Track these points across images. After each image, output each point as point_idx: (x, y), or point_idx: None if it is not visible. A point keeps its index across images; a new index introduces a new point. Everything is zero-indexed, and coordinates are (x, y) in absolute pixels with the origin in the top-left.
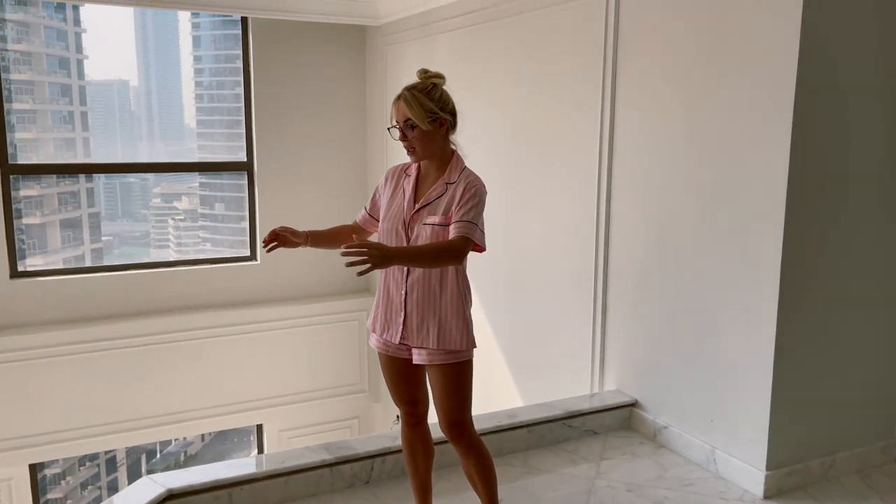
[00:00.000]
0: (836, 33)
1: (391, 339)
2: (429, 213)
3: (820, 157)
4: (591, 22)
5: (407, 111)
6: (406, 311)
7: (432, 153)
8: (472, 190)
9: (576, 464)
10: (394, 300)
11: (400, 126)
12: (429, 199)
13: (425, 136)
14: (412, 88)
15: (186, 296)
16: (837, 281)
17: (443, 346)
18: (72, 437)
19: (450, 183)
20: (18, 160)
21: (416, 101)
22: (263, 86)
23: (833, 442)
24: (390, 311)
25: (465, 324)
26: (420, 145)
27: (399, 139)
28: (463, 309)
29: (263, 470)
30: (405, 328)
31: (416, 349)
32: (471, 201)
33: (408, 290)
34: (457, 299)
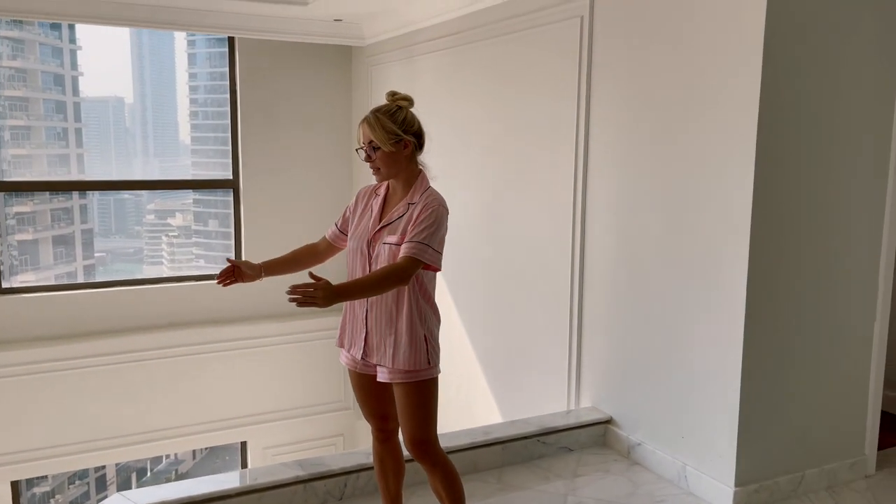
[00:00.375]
0: (797, 57)
1: (355, 354)
2: (388, 232)
3: (784, 178)
4: (565, 45)
5: (370, 133)
6: (367, 328)
7: (397, 173)
8: (429, 211)
9: (549, 481)
10: (357, 317)
11: (364, 147)
12: (391, 218)
13: (388, 157)
14: (377, 111)
15: (171, 313)
16: (803, 299)
17: (398, 365)
18: (55, 454)
19: (411, 203)
20: (12, 176)
21: (379, 124)
22: (250, 104)
23: (802, 459)
24: (354, 328)
25: (423, 343)
26: (384, 166)
27: (364, 160)
28: (420, 329)
29: (236, 486)
30: (366, 345)
31: (379, 367)
32: (425, 222)
33: (368, 308)
34: (415, 319)
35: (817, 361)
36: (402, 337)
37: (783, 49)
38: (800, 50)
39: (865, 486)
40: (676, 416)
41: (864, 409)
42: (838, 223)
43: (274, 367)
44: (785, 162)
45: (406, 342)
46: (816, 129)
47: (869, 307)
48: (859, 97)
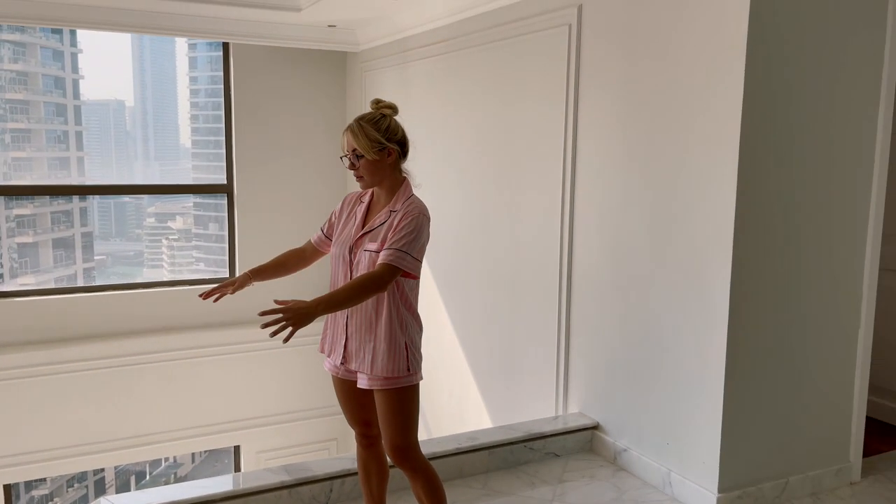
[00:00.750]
0: (779, 64)
1: (334, 360)
2: (370, 239)
3: (767, 184)
4: (554, 52)
5: (353, 141)
6: (347, 335)
7: (381, 181)
8: (409, 219)
9: (534, 486)
10: (338, 323)
11: (348, 155)
12: (372, 225)
13: (372, 164)
14: (361, 119)
15: (165, 317)
16: (787, 304)
17: (377, 371)
18: (48, 458)
19: (393, 211)
20: (12, 179)
21: (363, 132)
22: (244, 109)
23: (786, 465)
24: (335, 333)
25: (403, 350)
26: (367, 173)
27: (348, 168)
28: (401, 336)
29: (222, 491)
30: (346, 351)
31: (360, 373)
32: (405, 229)
33: (349, 314)
34: (395, 326)
35: (801, 367)
36: (381, 344)
37: (766, 56)
38: (782, 57)
39: (850, 494)
40: (662, 422)
41: (849, 415)
42: (822, 229)
43: (268, 371)
44: (768, 167)
45: (385, 349)
46: (799, 133)
47: (853, 313)
48: (841, 102)
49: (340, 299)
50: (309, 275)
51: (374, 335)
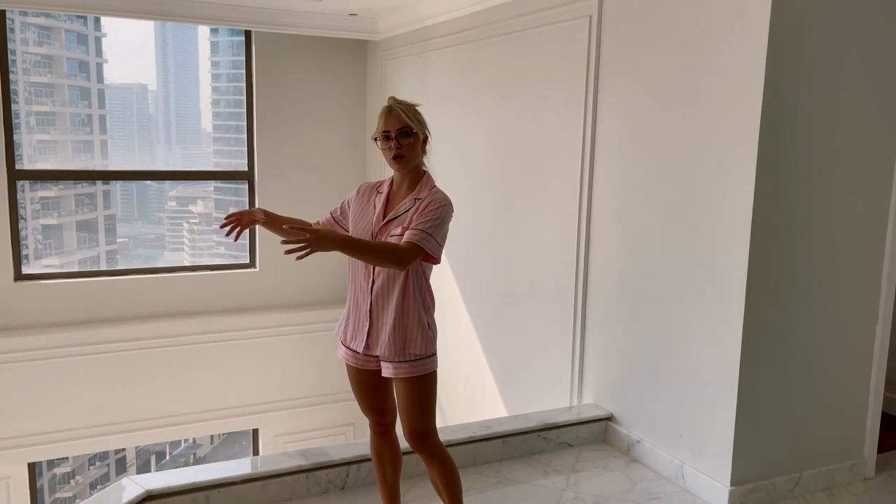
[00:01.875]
0: (800, 60)
1: (357, 348)
2: (395, 225)
3: (785, 179)
4: (574, 44)
5: (405, 119)
6: (371, 320)
7: (415, 165)
8: (437, 205)
9: (548, 475)
10: (360, 310)
11: (393, 134)
12: (397, 212)
13: (415, 144)
14: (401, 102)
15: (186, 301)
16: (803, 299)
17: (404, 355)
18: (70, 438)
19: (418, 198)
20: (36, 162)
21: (412, 112)
22: (266, 97)
23: (799, 459)
24: (358, 320)
25: (426, 332)
26: (411, 152)
27: (390, 148)
28: (424, 318)
29: (241, 474)
30: (370, 337)
31: (384, 362)
32: (432, 213)
33: (373, 300)
34: (419, 309)
35: (817, 362)
36: (406, 329)
37: (787, 51)
38: (803, 52)
39: (864, 489)
40: (675, 414)
41: (864, 410)
42: (840, 224)
43: (286, 356)
44: (786, 164)
45: (413, 332)
46: (819, 131)
47: (871, 308)
48: (864, 94)
49: (359, 246)
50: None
51: (399, 320)
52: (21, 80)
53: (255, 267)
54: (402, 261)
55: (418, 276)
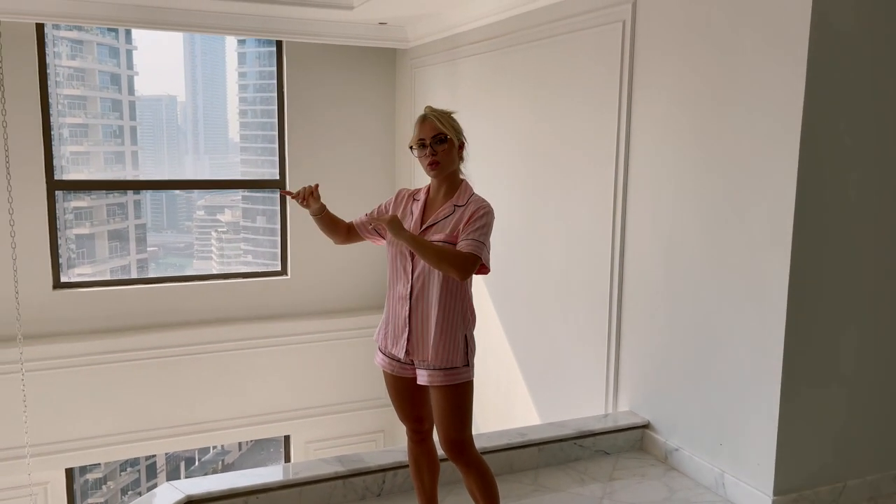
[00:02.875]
0: (841, 59)
1: (397, 353)
2: (435, 231)
3: (828, 180)
4: (608, 47)
5: (439, 126)
6: (410, 327)
7: (451, 172)
8: (482, 212)
9: (584, 483)
10: (399, 316)
11: (428, 141)
12: (437, 218)
13: (451, 151)
14: (435, 110)
15: (219, 308)
16: (847, 303)
17: (442, 363)
18: (106, 443)
19: (458, 205)
20: (70, 173)
21: (447, 119)
22: (297, 106)
23: (843, 468)
24: (396, 327)
25: (463, 342)
26: (446, 159)
27: (426, 155)
28: (462, 328)
29: (278, 480)
30: (409, 344)
31: (420, 370)
32: (480, 221)
33: (412, 306)
34: (458, 318)
35: (861, 368)
36: (448, 335)
37: (829, 48)
38: (846, 48)
39: None
40: (715, 421)
41: None
42: (884, 228)
43: (317, 363)
44: (828, 165)
45: (452, 340)
46: (862, 130)
47: None
48: None
49: (422, 246)
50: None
51: (438, 327)
52: (55, 93)
53: (286, 274)
54: (464, 269)
55: (459, 288)
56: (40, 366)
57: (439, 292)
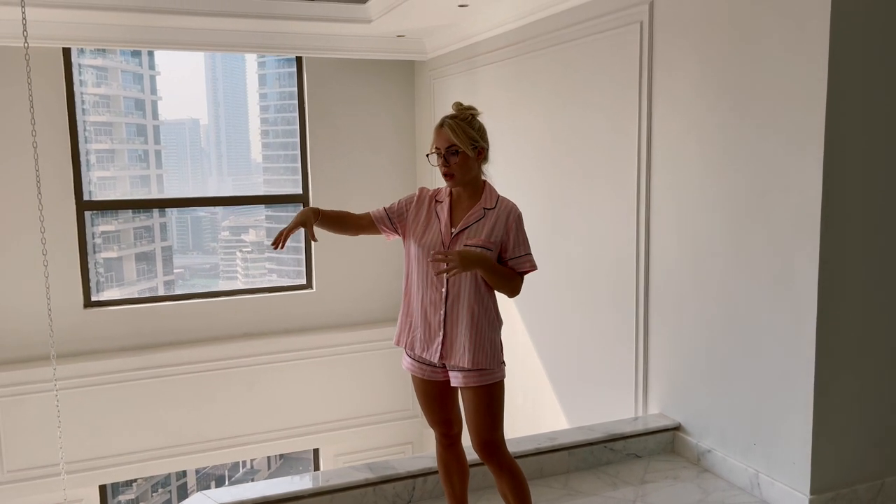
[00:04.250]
0: (866, 47)
1: (430, 358)
2: (468, 236)
3: (855, 170)
4: (626, 49)
5: (452, 137)
6: (444, 331)
7: (469, 180)
8: (517, 220)
9: (616, 487)
10: (431, 322)
11: (442, 152)
12: (468, 222)
13: (466, 162)
14: (455, 117)
15: (246, 323)
16: (879, 297)
17: (477, 365)
18: (138, 459)
19: (488, 208)
20: (97, 197)
21: (461, 129)
22: (318, 120)
23: (882, 466)
24: (428, 332)
25: (498, 343)
26: (460, 171)
27: (439, 165)
28: (496, 329)
29: (309, 487)
30: (443, 348)
31: (453, 372)
32: (520, 232)
33: (447, 311)
34: (492, 320)
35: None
36: (482, 338)
37: (851, 43)
38: (866, 43)
39: None
40: (747, 421)
41: None
42: None
43: (345, 375)
44: (855, 159)
45: (486, 343)
46: (889, 122)
47: None
48: None
49: (495, 271)
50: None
51: (473, 330)
52: (82, 120)
53: (311, 288)
54: (519, 289)
55: (488, 290)
56: (73, 384)
57: (473, 296)
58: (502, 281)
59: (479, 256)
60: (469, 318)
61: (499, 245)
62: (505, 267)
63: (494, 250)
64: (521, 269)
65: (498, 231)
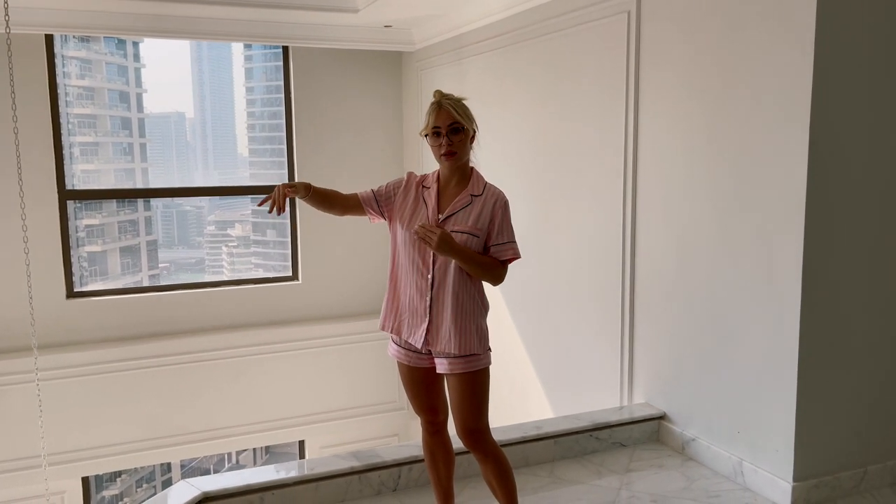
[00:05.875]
0: (851, 39)
1: (415, 343)
2: (455, 222)
3: (839, 161)
4: (614, 39)
5: (455, 115)
6: (430, 317)
7: (464, 161)
8: (503, 208)
9: (602, 475)
10: (417, 308)
11: (443, 130)
12: (455, 208)
13: (465, 141)
14: (449, 98)
15: (231, 315)
16: (862, 287)
17: (463, 350)
18: (122, 451)
19: (475, 195)
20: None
21: (461, 108)
22: (304, 111)
23: (864, 454)
24: (414, 318)
25: (483, 328)
26: (461, 149)
27: (440, 144)
28: (481, 315)
29: (294, 475)
30: (428, 334)
31: (438, 358)
32: (506, 220)
33: (433, 297)
34: (477, 306)
35: (878, 352)
36: (468, 324)
37: (836, 34)
38: (855, 30)
39: None
40: (731, 410)
41: None
42: None
43: (331, 367)
44: (840, 151)
45: (471, 329)
46: (872, 117)
47: None
48: None
49: (469, 258)
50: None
51: (459, 316)
52: (64, 112)
53: (297, 279)
54: (502, 277)
55: (475, 279)
56: (55, 374)
57: (458, 281)
58: (481, 270)
59: (458, 247)
60: (455, 303)
61: (485, 232)
62: (486, 255)
63: (481, 237)
64: (502, 256)
65: (484, 218)
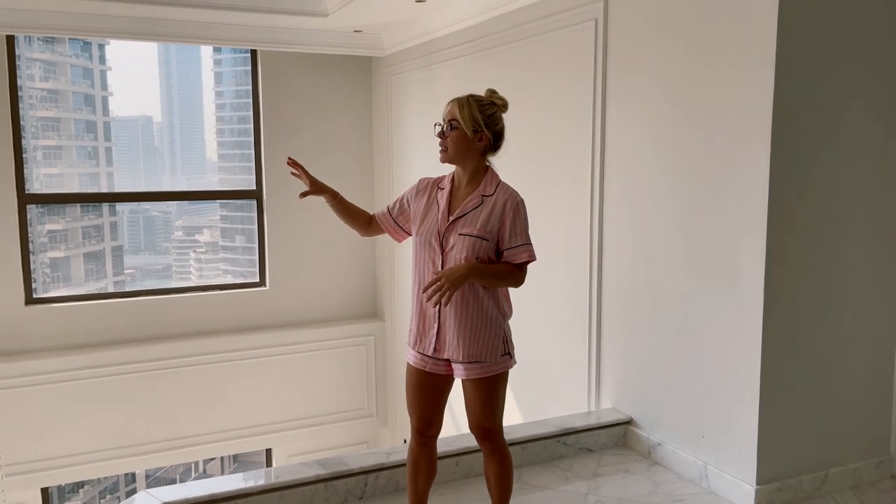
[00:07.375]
0: (812, 45)
1: (425, 350)
2: (464, 224)
3: (801, 174)
4: (581, 46)
5: (455, 111)
6: (440, 322)
7: (461, 160)
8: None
9: (569, 481)
10: (427, 313)
11: (443, 125)
12: (464, 209)
13: (460, 140)
14: (472, 96)
15: (197, 321)
16: (824, 294)
17: (473, 357)
18: (83, 461)
19: (486, 195)
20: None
21: (468, 107)
22: (272, 115)
23: (825, 457)
24: (424, 323)
25: (500, 335)
26: (452, 146)
27: (437, 135)
28: (499, 320)
29: (258, 484)
30: (438, 340)
31: (456, 364)
32: (519, 221)
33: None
34: (492, 311)
35: (839, 358)
36: (480, 329)
37: (798, 41)
38: (816, 40)
39: (892, 486)
40: (697, 415)
41: (889, 406)
42: (860, 216)
43: (299, 374)
44: (801, 160)
45: (487, 333)
46: (836, 123)
47: (893, 301)
48: (878, 95)
49: (487, 272)
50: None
51: (471, 320)
52: (28, 115)
53: (265, 286)
54: (521, 280)
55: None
56: (13, 383)
57: (468, 287)
58: (497, 281)
59: (465, 269)
60: (465, 310)
61: (495, 235)
62: (500, 262)
63: (491, 240)
64: (516, 260)
65: (494, 219)
